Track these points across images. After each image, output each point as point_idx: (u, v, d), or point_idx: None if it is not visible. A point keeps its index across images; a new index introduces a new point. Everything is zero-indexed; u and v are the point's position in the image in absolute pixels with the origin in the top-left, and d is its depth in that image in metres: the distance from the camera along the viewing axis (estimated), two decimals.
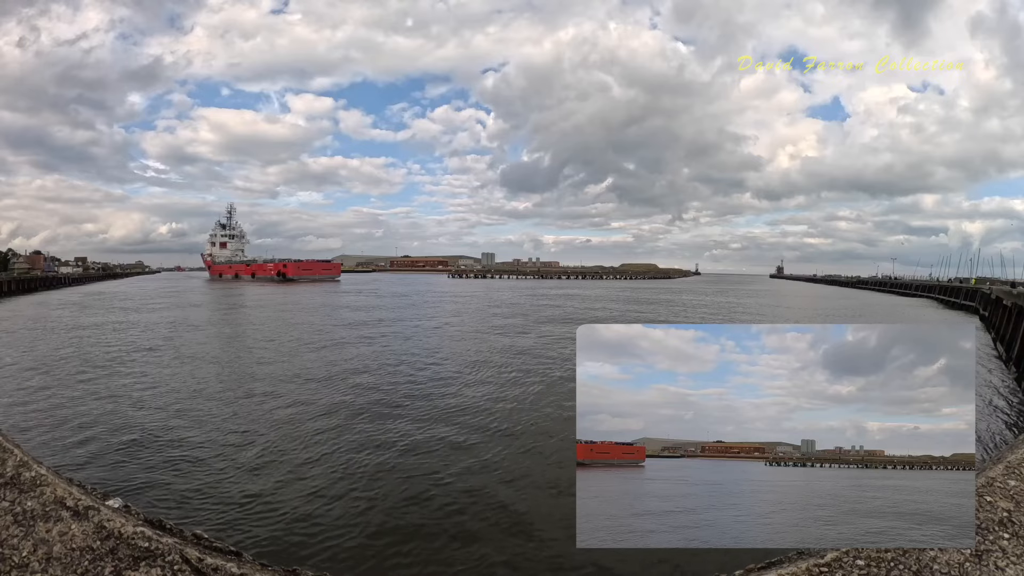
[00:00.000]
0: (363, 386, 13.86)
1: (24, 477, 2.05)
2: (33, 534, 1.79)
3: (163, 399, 12.28)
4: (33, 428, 9.98)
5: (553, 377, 15.07)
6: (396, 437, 9.69)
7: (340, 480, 7.73)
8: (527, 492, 7.48)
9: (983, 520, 2.10)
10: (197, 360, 17.37)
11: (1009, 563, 1.89)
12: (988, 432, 10.77)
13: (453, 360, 18.07)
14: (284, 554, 5.65)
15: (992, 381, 15.98)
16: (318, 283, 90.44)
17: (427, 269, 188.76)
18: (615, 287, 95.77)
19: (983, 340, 24.87)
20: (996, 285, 48.25)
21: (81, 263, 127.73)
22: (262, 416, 11.01)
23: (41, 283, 64.87)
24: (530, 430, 10.29)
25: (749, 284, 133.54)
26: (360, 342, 21.97)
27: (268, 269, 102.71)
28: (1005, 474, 2.47)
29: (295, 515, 6.60)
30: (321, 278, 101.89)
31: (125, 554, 1.76)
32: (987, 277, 76.58)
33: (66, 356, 17.89)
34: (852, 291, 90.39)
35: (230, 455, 8.69)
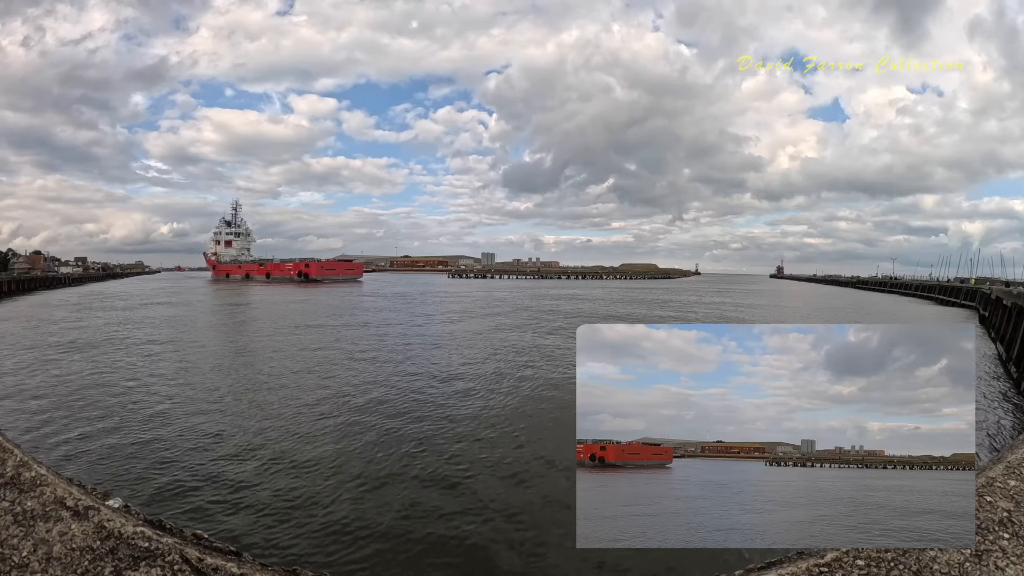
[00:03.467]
0: (367, 387, 13.86)
1: (24, 477, 2.04)
2: (33, 534, 1.79)
3: (162, 393, 12.29)
4: (32, 428, 9.98)
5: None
6: (397, 437, 9.69)
7: (340, 480, 7.72)
8: (530, 492, 7.48)
9: (983, 520, 2.10)
10: (197, 361, 17.37)
11: (1009, 563, 1.89)
12: (988, 432, 10.77)
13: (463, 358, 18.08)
14: (284, 554, 5.65)
15: (992, 381, 15.98)
16: (341, 284, 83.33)
17: (427, 269, 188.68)
18: (615, 287, 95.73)
19: (983, 340, 24.88)
20: (996, 285, 48.30)
21: (81, 263, 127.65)
22: (265, 416, 11.01)
23: (41, 283, 64.90)
24: (533, 433, 10.29)
25: (749, 284, 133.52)
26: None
27: (287, 269, 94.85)
28: (1005, 474, 2.47)
29: (295, 515, 6.60)
30: (344, 279, 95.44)
31: (125, 554, 1.76)
32: (987, 277, 76.63)
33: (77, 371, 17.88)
34: (852, 291, 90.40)
35: (231, 455, 8.69)
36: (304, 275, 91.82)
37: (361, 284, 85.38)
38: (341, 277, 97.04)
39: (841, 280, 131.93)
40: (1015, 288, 32.49)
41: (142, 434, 9.68)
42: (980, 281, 67.40)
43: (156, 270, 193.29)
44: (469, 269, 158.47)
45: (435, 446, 9.25)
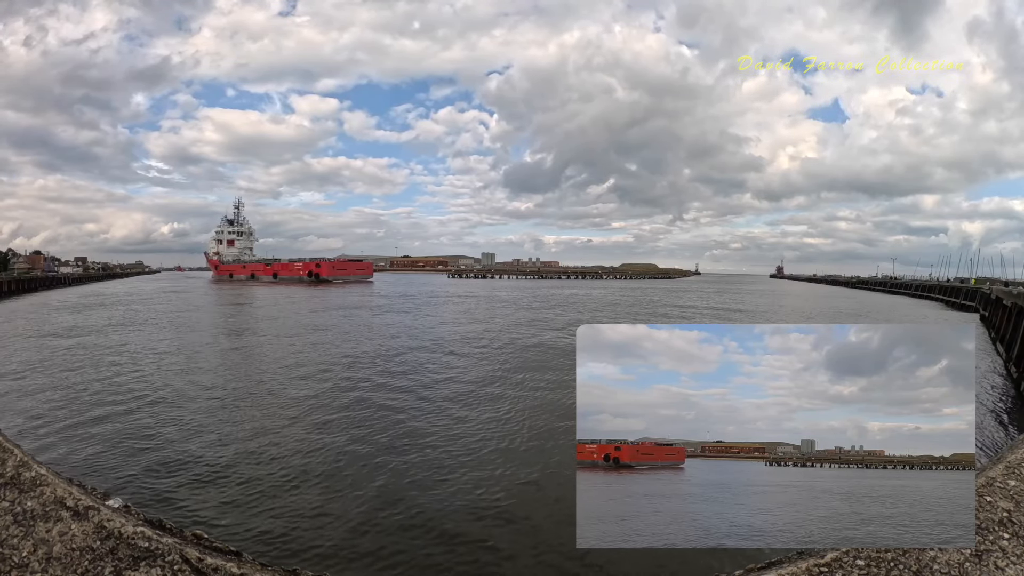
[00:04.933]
0: (372, 388, 13.85)
1: (24, 477, 2.04)
2: (33, 534, 1.79)
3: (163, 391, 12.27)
4: (32, 428, 9.97)
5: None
6: (401, 438, 9.69)
7: (341, 480, 7.72)
8: (532, 492, 7.48)
9: (983, 520, 2.09)
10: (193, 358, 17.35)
11: (1009, 563, 1.89)
12: (988, 432, 10.77)
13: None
14: (284, 554, 5.65)
15: (992, 381, 15.98)
16: (353, 285, 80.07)
17: (427, 269, 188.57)
18: (615, 287, 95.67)
19: (983, 340, 24.87)
20: (996, 285, 48.30)
21: (81, 263, 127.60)
22: (266, 416, 11.00)
23: (41, 283, 64.89)
24: (533, 437, 10.29)
25: (749, 284, 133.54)
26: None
27: (296, 269, 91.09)
28: (1005, 474, 2.47)
29: (295, 515, 6.60)
30: (355, 279, 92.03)
31: (125, 554, 1.76)
32: (987, 277, 76.68)
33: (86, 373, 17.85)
34: (852, 291, 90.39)
35: (231, 454, 8.69)
36: (315, 275, 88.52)
37: (372, 284, 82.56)
38: (352, 277, 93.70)
39: (841, 280, 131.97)
40: (1015, 288, 32.45)
41: (143, 433, 9.67)
42: (980, 281, 67.39)
43: (156, 270, 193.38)
44: (469, 269, 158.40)
45: (444, 447, 9.25)
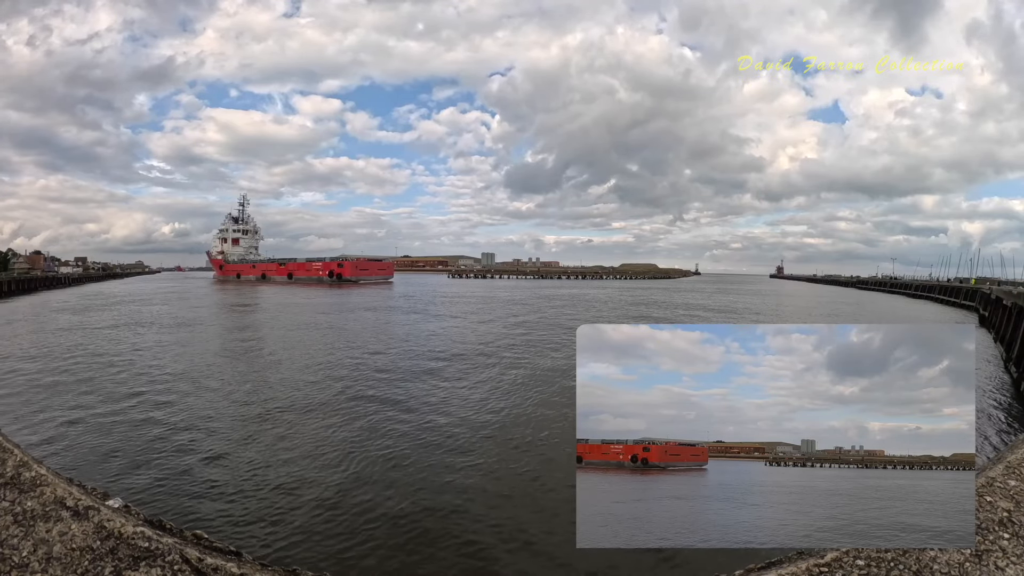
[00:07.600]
0: (373, 388, 13.85)
1: (24, 477, 2.04)
2: (33, 534, 1.79)
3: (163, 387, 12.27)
4: (32, 428, 9.97)
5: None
6: (401, 439, 9.69)
7: (341, 480, 7.72)
8: (533, 492, 7.48)
9: (983, 520, 2.10)
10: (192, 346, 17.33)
11: (1009, 563, 1.89)
12: (988, 432, 10.78)
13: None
14: (284, 554, 5.65)
15: (992, 381, 15.99)
16: (374, 286, 75.13)
17: (427, 269, 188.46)
18: (614, 287, 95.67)
19: (983, 340, 24.88)
20: (995, 285, 48.33)
21: (81, 263, 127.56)
22: (265, 415, 11.00)
23: (41, 283, 64.82)
24: (534, 436, 10.29)
25: (749, 284, 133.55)
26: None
27: (314, 269, 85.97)
28: (1005, 474, 2.47)
29: (295, 515, 6.59)
30: (377, 279, 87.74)
31: (125, 554, 1.76)
32: (987, 277, 76.73)
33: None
34: (852, 291, 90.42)
35: (231, 455, 8.68)
36: (337, 276, 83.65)
37: (392, 285, 78.85)
38: (375, 278, 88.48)
39: (841, 280, 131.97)
40: (1015, 288, 32.48)
41: (143, 434, 9.67)
42: (980, 281, 67.41)
43: (156, 270, 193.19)
44: (469, 269, 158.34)
45: (444, 448, 9.25)
